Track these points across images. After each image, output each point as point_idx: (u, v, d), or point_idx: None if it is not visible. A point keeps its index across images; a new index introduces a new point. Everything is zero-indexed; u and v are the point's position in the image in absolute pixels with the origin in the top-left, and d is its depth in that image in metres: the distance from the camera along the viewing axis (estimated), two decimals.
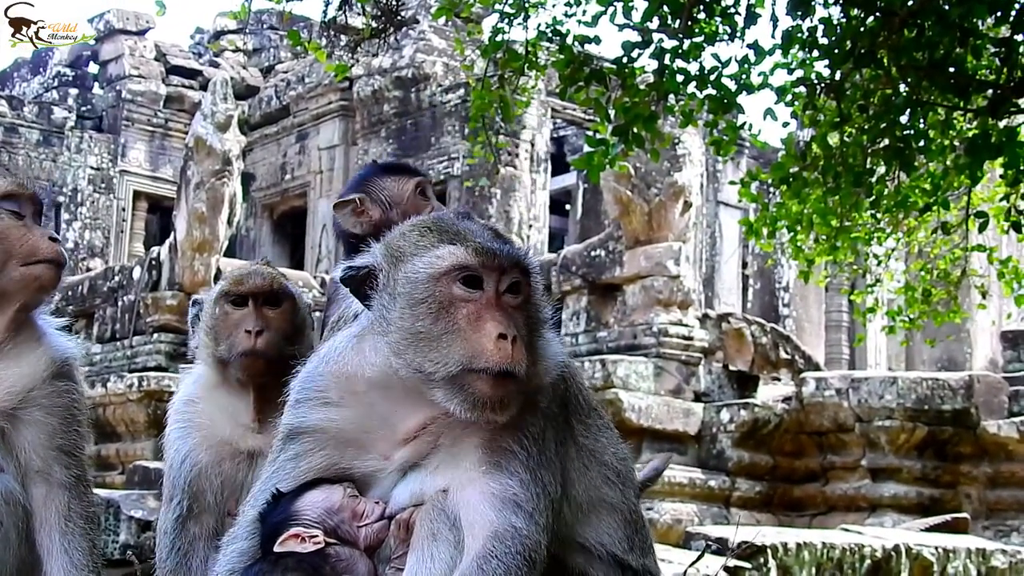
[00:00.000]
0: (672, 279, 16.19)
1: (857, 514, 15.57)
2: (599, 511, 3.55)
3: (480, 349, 3.20)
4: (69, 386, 3.56)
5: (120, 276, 19.89)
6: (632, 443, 15.59)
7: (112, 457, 17.54)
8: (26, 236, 3.48)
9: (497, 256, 3.32)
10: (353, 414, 3.40)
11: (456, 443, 3.31)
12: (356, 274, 3.42)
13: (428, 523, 3.24)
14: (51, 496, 3.47)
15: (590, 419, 3.66)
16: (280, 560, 3.28)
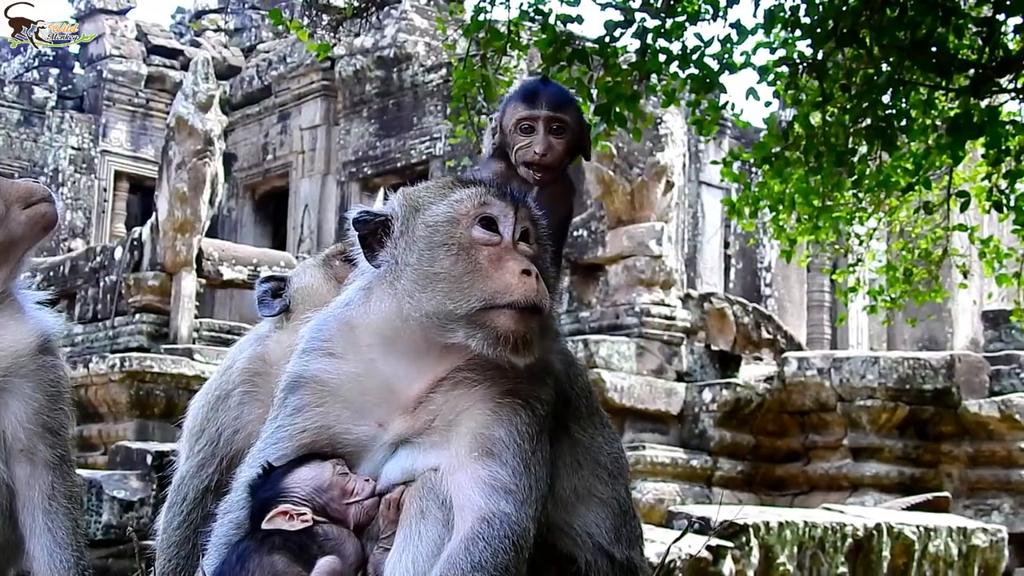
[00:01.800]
0: (654, 259, 16.21)
1: (839, 493, 15.62)
2: (589, 504, 3.57)
3: (505, 285, 3.21)
4: (55, 362, 3.56)
5: (102, 257, 19.84)
6: (614, 423, 15.55)
7: (95, 438, 17.51)
8: (14, 184, 3.48)
9: (511, 196, 3.37)
10: (354, 369, 3.40)
11: (453, 424, 3.31)
12: (370, 220, 3.43)
13: (418, 501, 3.24)
14: (35, 475, 3.45)
15: (589, 419, 3.68)
16: (267, 538, 3.28)
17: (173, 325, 18.26)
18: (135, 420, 17.09)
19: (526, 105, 4.30)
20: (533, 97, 4.36)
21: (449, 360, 3.31)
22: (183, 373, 17.00)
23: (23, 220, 3.41)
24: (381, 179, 25.84)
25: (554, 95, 4.45)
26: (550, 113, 4.30)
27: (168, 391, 17.01)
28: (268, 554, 3.24)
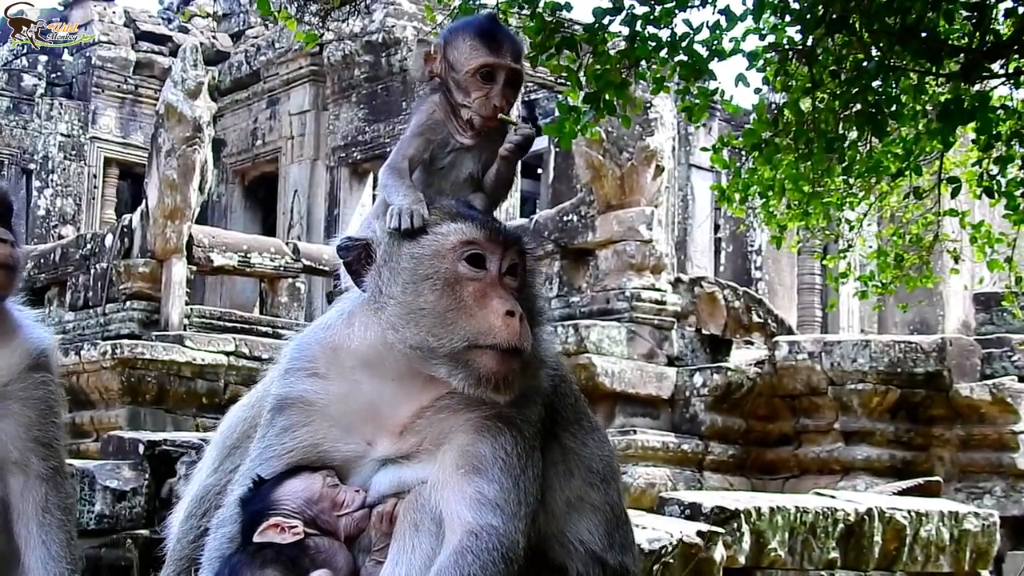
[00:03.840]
0: (644, 244, 16.19)
1: (830, 477, 15.64)
2: (581, 511, 3.56)
3: (488, 326, 3.21)
4: (45, 377, 3.54)
5: (92, 244, 19.82)
6: (605, 408, 15.63)
7: (86, 424, 17.52)
8: None
9: (500, 234, 3.34)
10: (339, 389, 3.40)
11: (441, 440, 3.31)
12: (352, 247, 3.42)
13: (411, 513, 3.24)
14: (28, 487, 3.46)
15: (578, 425, 3.66)
16: (259, 551, 3.28)
17: (164, 312, 18.25)
18: (127, 407, 17.10)
19: (489, 50, 4.05)
20: (496, 43, 4.11)
21: (434, 388, 3.31)
22: (174, 360, 17.01)
23: None
24: (370, 164, 25.82)
25: (516, 44, 4.23)
26: (513, 65, 4.14)
27: (159, 378, 17.02)
28: (260, 568, 3.24)
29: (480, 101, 4.03)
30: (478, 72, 4.05)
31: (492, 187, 4.11)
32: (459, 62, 4.09)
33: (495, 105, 4.02)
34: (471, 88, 4.05)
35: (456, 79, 4.09)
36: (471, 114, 4.04)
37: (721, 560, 10.77)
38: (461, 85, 4.08)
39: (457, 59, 4.10)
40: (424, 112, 4.13)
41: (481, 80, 4.04)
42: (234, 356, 17.47)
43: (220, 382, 17.39)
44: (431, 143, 4.04)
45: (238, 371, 17.47)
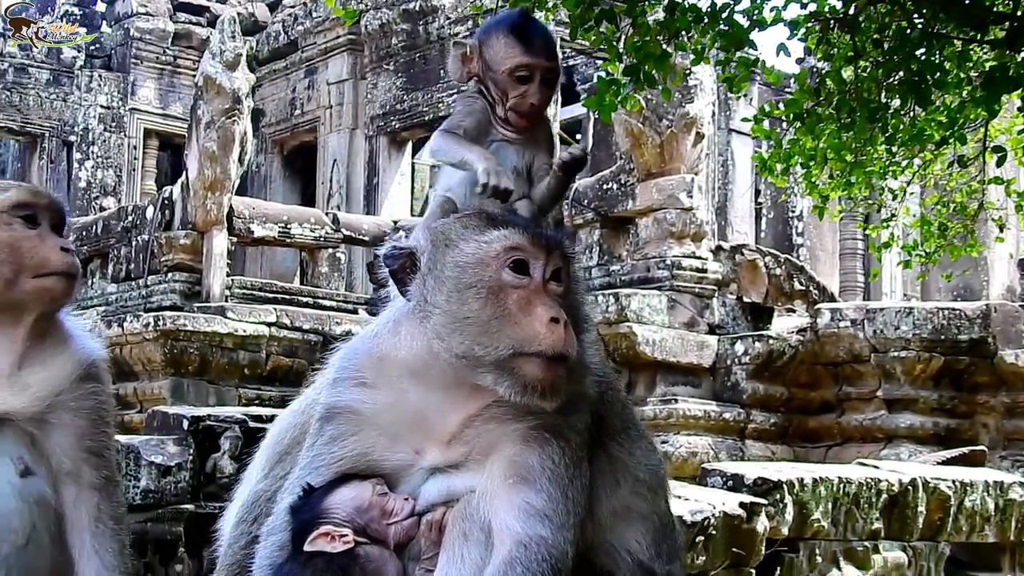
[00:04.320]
0: (685, 211, 16.14)
1: (873, 445, 15.58)
2: (628, 520, 3.55)
3: (532, 333, 3.19)
4: (96, 388, 3.54)
5: (133, 216, 19.88)
6: (646, 377, 15.62)
7: (130, 396, 17.62)
8: (37, 248, 3.43)
9: (543, 239, 3.32)
10: (387, 398, 3.39)
11: (489, 450, 3.29)
12: (398, 255, 3.40)
13: (460, 522, 3.24)
14: (81, 498, 3.47)
15: (625, 434, 3.64)
16: (310, 561, 3.28)
17: (205, 283, 18.31)
18: (170, 378, 17.19)
19: (524, 50, 4.09)
20: (530, 42, 4.15)
21: (481, 397, 3.29)
22: (216, 331, 17.08)
23: (27, 290, 3.39)
24: (409, 133, 25.81)
25: (550, 42, 4.26)
26: (548, 64, 4.15)
27: (202, 349, 17.10)
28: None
29: (517, 100, 4.06)
30: (514, 72, 4.07)
31: (542, 198, 4.13)
32: (495, 62, 4.11)
33: (532, 104, 4.05)
34: (508, 88, 4.08)
35: (493, 78, 4.12)
36: (506, 110, 4.06)
37: (764, 531, 10.75)
38: (499, 84, 4.10)
39: (493, 59, 4.12)
40: (467, 102, 4.16)
41: (517, 80, 4.06)
42: (275, 327, 17.52)
43: (262, 353, 17.45)
44: (480, 124, 4.08)
45: (279, 342, 17.53)
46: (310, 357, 17.71)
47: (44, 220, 3.50)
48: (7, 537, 3.37)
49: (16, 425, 3.40)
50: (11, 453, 3.41)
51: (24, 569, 3.39)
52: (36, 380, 3.44)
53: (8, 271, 3.40)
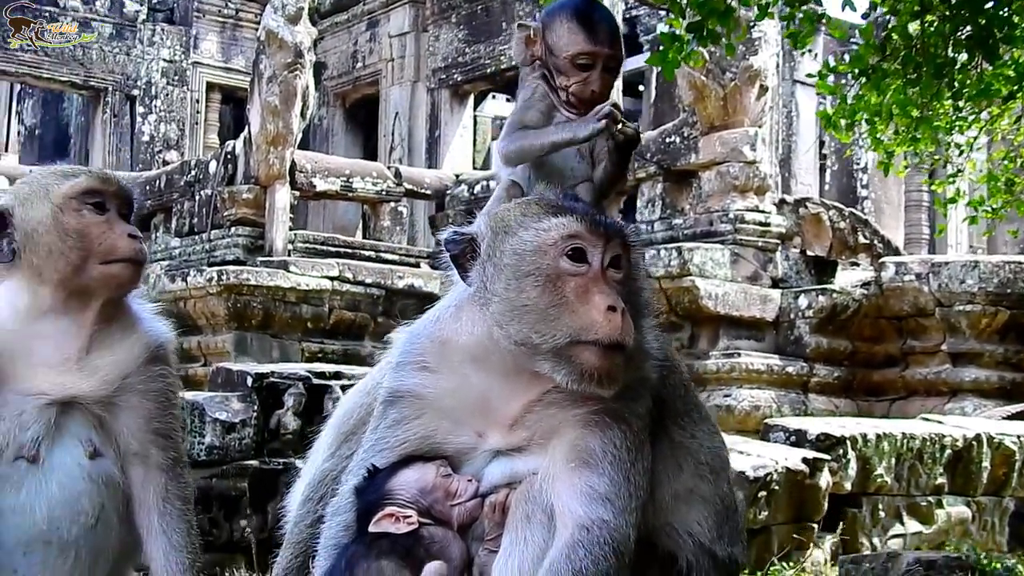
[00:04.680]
0: (748, 165, 16.06)
1: (937, 399, 15.49)
2: (690, 503, 3.55)
3: (589, 321, 3.19)
4: (164, 370, 3.59)
5: (196, 170, 20.00)
6: (709, 331, 15.59)
7: (194, 349, 17.77)
8: (105, 234, 3.46)
9: (601, 226, 3.31)
10: (449, 383, 3.41)
11: (551, 434, 3.31)
12: (459, 240, 3.41)
13: (523, 505, 3.26)
14: (149, 478, 3.53)
15: (687, 417, 3.64)
16: (375, 542, 3.31)
17: (268, 237, 18.40)
18: (233, 332, 17.31)
19: (587, 37, 4.12)
20: (593, 29, 4.19)
21: (541, 382, 3.31)
22: (279, 285, 17.17)
23: (95, 275, 3.42)
24: (471, 85, 25.78)
25: (613, 29, 4.28)
26: (610, 51, 4.16)
27: (265, 303, 17.20)
28: (376, 558, 3.27)
29: (578, 87, 4.09)
30: (575, 59, 4.09)
31: (601, 180, 4.16)
32: (557, 47, 4.13)
33: (592, 91, 4.08)
34: (569, 74, 4.11)
35: (555, 63, 4.14)
36: (567, 96, 4.08)
37: (827, 487, 10.74)
38: (561, 69, 4.13)
39: (555, 44, 4.14)
40: (529, 88, 4.18)
41: (579, 67, 4.09)
42: (337, 281, 17.59)
43: (324, 307, 17.54)
44: (543, 113, 4.09)
45: (342, 296, 17.61)
46: (372, 311, 17.81)
47: (112, 206, 3.53)
48: (77, 518, 3.42)
49: (85, 408, 3.45)
50: (80, 435, 3.45)
51: (94, 549, 3.45)
52: (104, 364, 3.48)
53: (76, 257, 3.43)
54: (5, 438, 3.38)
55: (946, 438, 11.58)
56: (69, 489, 3.42)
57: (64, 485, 3.42)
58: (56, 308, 3.45)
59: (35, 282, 3.45)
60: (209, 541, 8.99)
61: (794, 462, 10.59)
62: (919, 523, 11.39)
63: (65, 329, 3.46)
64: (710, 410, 13.94)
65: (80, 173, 3.58)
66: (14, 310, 3.45)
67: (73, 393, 3.43)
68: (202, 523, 9.02)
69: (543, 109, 4.15)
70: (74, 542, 3.42)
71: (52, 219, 3.47)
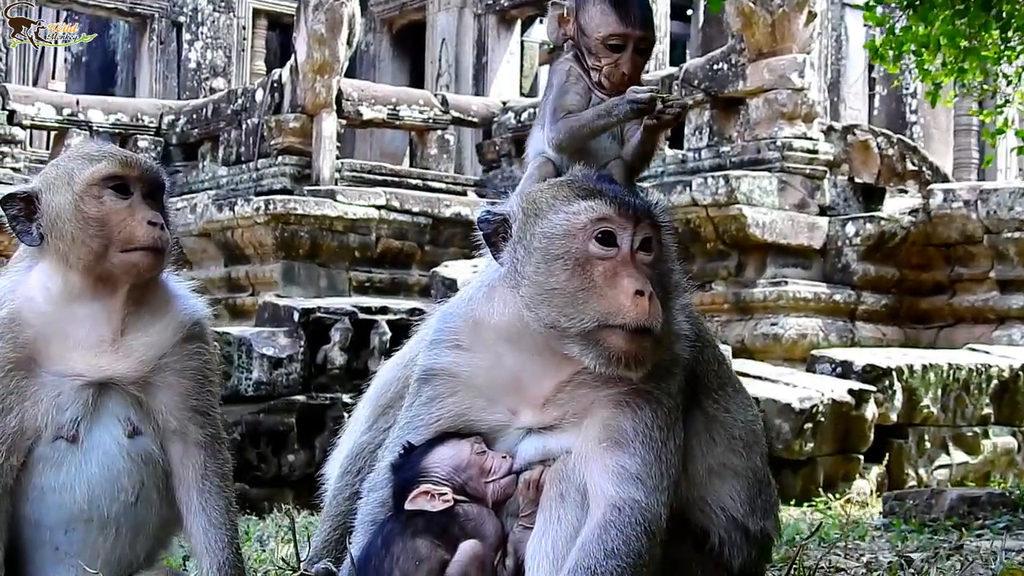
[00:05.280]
0: (796, 92, 15.95)
1: (984, 326, 15.44)
2: (723, 477, 3.57)
3: (617, 305, 3.20)
4: (200, 347, 3.60)
5: (243, 99, 20.02)
6: (756, 259, 15.57)
7: (242, 279, 17.87)
8: (125, 222, 3.45)
9: (631, 208, 3.31)
10: (482, 362, 3.43)
11: (583, 414, 3.33)
12: (492, 220, 3.42)
13: (557, 483, 3.29)
14: (187, 455, 3.56)
15: (721, 391, 3.65)
16: (410, 520, 3.34)
17: (315, 166, 18.43)
18: (281, 262, 17.38)
19: (619, 19, 4.15)
20: (626, 10, 4.22)
21: (572, 363, 3.32)
22: (326, 214, 17.21)
23: (116, 263, 3.43)
24: (518, 11, 25.65)
25: (646, 10, 4.34)
26: (641, 33, 4.20)
27: (312, 232, 17.24)
28: (412, 538, 3.31)
29: (609, 68, 4.13)
30: (607, 40, 4.12)
31: (633, 156, 4.19)
32: (589, 28, 4.17)
33: (623, 73, 4.12)
34: (601, 54, 4.14)
35: (587, 44, 4.17)
36: (601, 78, 4.11)
37: (872, 418, 10.78)
38: (592, 50, 4.16)
39: (588, 24, 4.17)
40: (562, 72, 4.22)
41: (610, 48, 4.12)
42: (384, 210, 17.61)
43: (371, 236, 17.58)
44: (580, 95, 4.13)
45: (389, 224, 17.65)
46: (419, 240, 17.85)
47: (136, 190, 3.52)
48: (118, 496, 3.47)
49: (122, 388, 3.48)
50: (119, 414, 3.49)
51: (135, 525, 3.50)
52: (140, 344, 3.50)
53: (97, 245, 3.44)
54: (44, 419, 3.42)
55: (992, 368, 11.58)
56: (109, 468, 3.47)
57: (104, 464, 3.46)
58: (86, 292, 3.47)
59: (63, 266, 3.47)
60: (257, 476, 9.13)
61: (840, 393, 10.63)
62: (965, 453, 11.41)
63: (98, 312, 3.48)
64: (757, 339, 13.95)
65: (102, 158, 3.56)
66: (47, 293, 3.48)
67: (109, 375, 3.46)
68: (250, 458, 9.15)
69: (580, 91, 4.18)
70: (114, 519, 3.47)
71: (73, 207, 3.47)
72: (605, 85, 4.16)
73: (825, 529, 6.86)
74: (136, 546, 3.53)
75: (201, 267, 18.51)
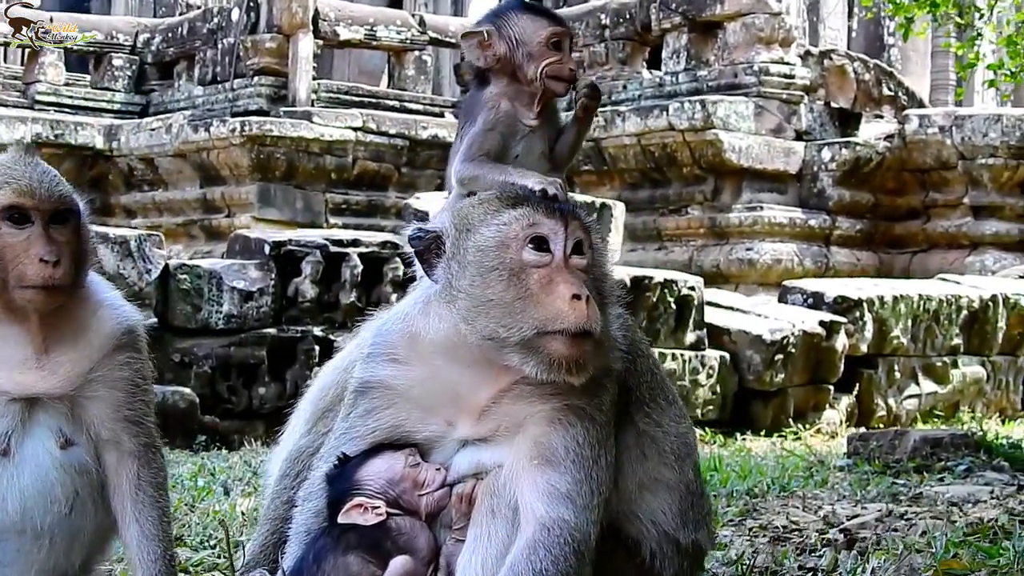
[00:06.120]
0: (773, 16, 15.95)
1: (958, 251, 15.54)
2: (655, 491, 3.58)
3: (556, 311, 3.20)
4: (130, 357, 3.54)
5: (219, 18, 19.89)
6: (732, 184, 15.60)
7: (218, 200, 17.85)
8: (19, 257, 3.35)
9: (561, 213, 3.32)
10: (419, 374, 3.43)
11: (517, 427, 3.35)
12: (424, 237, 3.42)
13: (489, 498, 3.29)
14: (121, 464, 3.54)
15: (654, 403, 3.65)
16: (343, 536, 3.35)
17: (292, 87, 18.36)
18: (256, 183, 17.36)
19: (550, 22, 4.27)
20: (551, 14, 4.40)
21: (510, 373, 3.32)
22: (303, 136, 17.17)
23: (15, 298, 3.36)
24: None
25: (561, 15, 4.64)
26: (570, 32, 4.33)
27: (288, 154, 17.22)
28: (344, 554, 3.32)
29: (557, 66, 4.17)
30: (549, 40, 4.17)
31: (566, 156, 4.25)
32: (526, 35, 4.20)
33: (571, 69, 4.21)
34: (544, 57, 4.18)
35: (528, 52, 4.18)
36: (543, 78, 4.15)
37: (843, 349, 10.86)
38: (533, 56, 4.18)
39: (523, 33, 4.21)
40: (489, 107, 4.23)
41: (553, 48, 4.20)
42: (361, 132, 17.58)
43: (348, 158, 17.55)
44: (504, 136, 4.18)
45: (365, 146, 17.62)
46: (396, 162, 17.83)
47: (38, 218, 3.42)
48: (51, 507, 3.46)
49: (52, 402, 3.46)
50: (51, 427, 3.46)
51: (70, 535, 3.49)
52: (66, 360, 3.45)
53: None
54: None
55: (962, 299, 11.65)
56: (42, 480, 3.45)
57: (36, 476, 3.44)
58: (1, 316, 3.43)
59: None
60: (228, 409, 9.16)
61: (811, 325, 10.70)
62: (934, 383, 11.51)
63: (16, 334, 3.43)
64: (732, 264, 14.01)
65: (7, 184, 3.48)
66: None
67: (35, 392, 3.42)
68: (221, 391, 9.18)
69: (504, 131, 4.22)
70: (48, 530, 3.46)
71: None
72: (551, 87, 4.22)
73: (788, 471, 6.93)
74: (71, 555, 3.52)
75: (177, 188, 18.50)
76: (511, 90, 4.24)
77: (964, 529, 4.74)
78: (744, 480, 6.38)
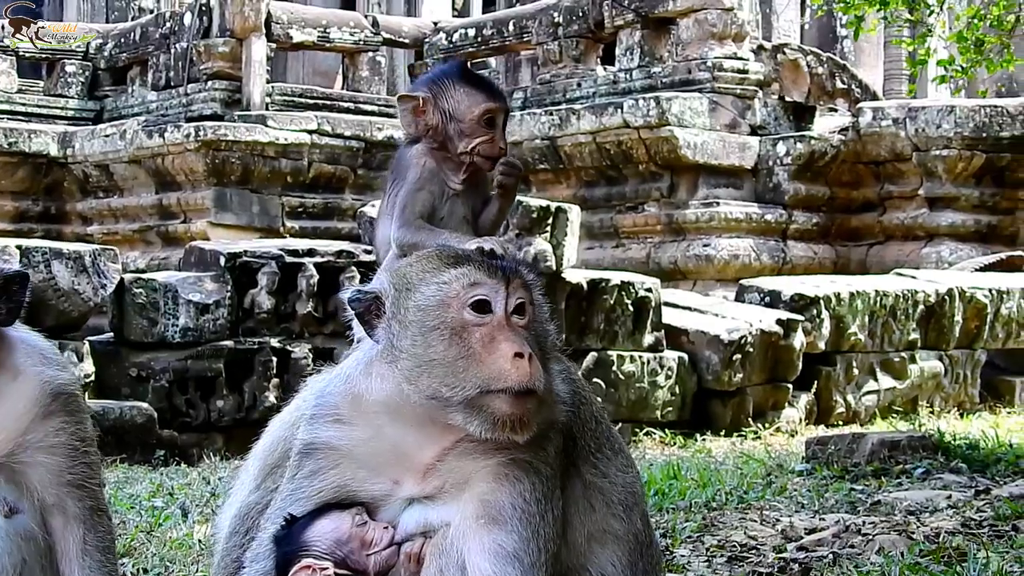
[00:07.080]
0: (726, 11, 15.98)
1: (914, 243, 15.61)
2: (603, 543, 3.57)
3: (498, 370, 3.19)
4: (64, 423, 3.46)
5: (172, 23, 19.78)
6: (688, 180, 15.64)
7: (174, 206, 17.77)
8: None
9: (501, 272, 3.31)
10: (363, 434, 3.42)
11: (463, 485, 3.34)
12: (363, 299, 3.41)
13: (437, 558, 3.29)
14: (67, 529, 3.50)
15: (600, 453, 3.64)
16: None
17: (246, 91, 18.29)
18: (212, 188, 17.30)
19: (487, 96, 4.28)
20: (489, 88, 4.38)
21: (454, 431, 3.32)
22: (257, 140, 17.13)
23: None
24: None
25: (501, 89, 4.54)
26: (506, 107, 4.34)
27: (244, 158, 17.17)
28: None
29: (487, 146, 4.19)
30: (483, 118, 4.18)
31: (492, 224, 4.26)
32: (460, 110, 4.21)
33: (501, 148, 4.22)
34: (476, 134, 4.20)
35: (460, 127, 4.20)
36: (476, 158, 4.18)
37: (801, 347, 10.90)
38: (465, 132, 4.19)
39: (457, 107, 4.21)
40: (416, 166, 4.25)
41: (486, 125, 4.20)
42: (316, 134, 17.54)
43: (304, 160, 17.51)
44: (433, 194, 4.20)
45: (321, 149, 17.59)
46: (352, 164, 17.80)
47: None
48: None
49: None
50: None
51: None
52: None
53: None
54: None
55: (919, 294, 11.71)
56: None
57: None
58: None
59: None
60: (186, 423, 9.13)
61: (768, 324, 10.73)
62: (892, 379, 11.57)
63: None
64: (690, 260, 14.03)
65: None
66: None
67: None
68: (178, 404, 9.15)
69: (434, 190, 4.24)
70: None
71: None
72: (477, 164, 4.22)
73: (747, 478, 6.94)
74: None
75: (132, 194, 18.42)
76: (439, 155, 4.27)
77: (921, 546, 4.75)
78: (703, 489, 6.40)
